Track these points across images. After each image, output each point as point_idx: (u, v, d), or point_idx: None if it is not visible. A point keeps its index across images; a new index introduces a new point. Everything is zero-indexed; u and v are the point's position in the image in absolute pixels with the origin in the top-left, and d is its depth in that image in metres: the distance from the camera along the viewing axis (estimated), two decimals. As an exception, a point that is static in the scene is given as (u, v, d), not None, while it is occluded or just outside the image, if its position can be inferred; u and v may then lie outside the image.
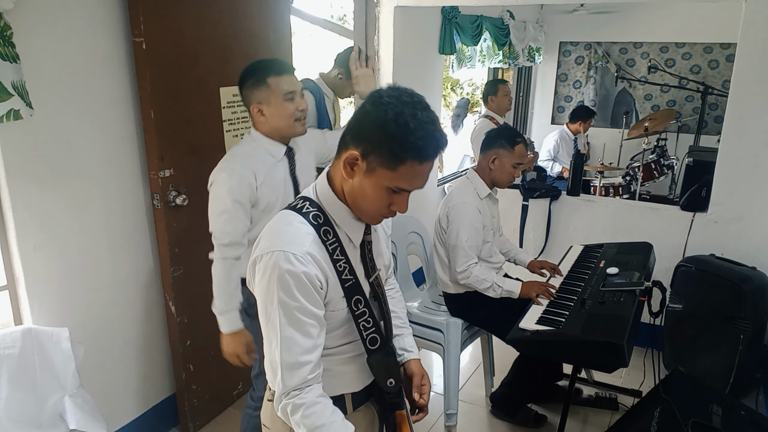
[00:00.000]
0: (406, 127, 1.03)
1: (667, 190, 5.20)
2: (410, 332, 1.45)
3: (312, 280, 1.09)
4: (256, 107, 1.85)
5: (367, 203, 1.13)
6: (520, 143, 2.47)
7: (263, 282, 1.10)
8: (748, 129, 2.84)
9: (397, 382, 1.24)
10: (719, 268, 2.72)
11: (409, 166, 1.05)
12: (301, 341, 1.10)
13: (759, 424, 2.02)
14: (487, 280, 2.42)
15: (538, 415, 2.64)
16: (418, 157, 1.05)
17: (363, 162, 1.08)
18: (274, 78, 1.82)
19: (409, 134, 1.03)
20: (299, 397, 1.11)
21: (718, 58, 5.59)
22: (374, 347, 1.21)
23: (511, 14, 4.98)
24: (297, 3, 2.99)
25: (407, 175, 1.07)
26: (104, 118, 2.08)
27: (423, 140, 1.04)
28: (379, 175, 1.07)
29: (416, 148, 1.04)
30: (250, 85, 1.85)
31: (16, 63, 1.61)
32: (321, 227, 1.14)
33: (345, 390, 1.26)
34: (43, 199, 1.92)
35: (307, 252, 1.09)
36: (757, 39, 2.74)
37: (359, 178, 1.10)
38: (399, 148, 1.04)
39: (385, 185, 1.08)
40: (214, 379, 2.58)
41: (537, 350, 2.14)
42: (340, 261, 1.15)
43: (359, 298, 1.18)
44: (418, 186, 1.10)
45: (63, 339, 1.87)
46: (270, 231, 1.15)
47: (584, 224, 3.47)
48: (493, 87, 4.16)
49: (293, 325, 1.09)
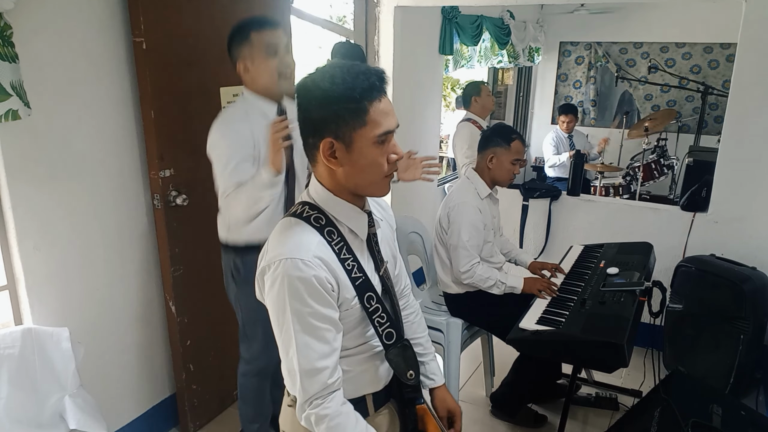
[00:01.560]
0: (343, 82, 1.05)
1: (667, 190, 5.20)
2: (433, 357, 1.45)
3: (323, 283, 1.08)
4: (241, 64, 1.85)
5: (367, 174, 1.12)
6: (516, 139, 2.47)
7: (273, 291, 1.09)
8: (748, 129, 2.84)
9: (417, 375, 1.24)
10: (719, 268, 2.72)
11: (372, 110, 1.07)
12: (317, 347, 1.10)
13: (759, 424, 2.02)
14: (491, 278, 2.43)
15: (538, 415, 2.64)
16: (371, 95, 1.06)
17: (338, 142, 1.08)
18: (256, 33, 1.81)
19: (350, 84, 1.05)
20: (322, 407, 1.11)
21: (718, 58, 5.59)
22: (391, 342, 1.21)
23: (512, 14, 4.98)
24: (297, 3, 3.00)
25: (377, 119, 1.07)
26: (104, 118, 2.08)
27: (366, 80, 1.06)
28: (358, 138, 1.08)
29: (366, 89, 1.05)
30: (236, 42, 1.84)
31: (14, 63, 1.61)
32: (324, 228, 1.14)
33: (366, 390, 1.26)
34: (43, 199, 1.92)
35: (314, 255, 1.09)
36: (757, 39, 2.74)
37: (346, 158, 1.10)
38: (355, 102, 1.05)
39: (369, 143, 1.08)
40: (214, 379, 2.58)
41: (537, 350, 2.14)
42: (348, 260, 1.15)
43: (371, 295, 1.17)
44: (393, 123, 1.11)
45: (63, 339, 1.86)
46: (275, 240, 1.14)
47: (584, 224, 3.47)
48: (476, 88, 3.93)
49: (308, 331, 1.09)
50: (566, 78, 6.37)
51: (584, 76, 6.25)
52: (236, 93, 2.46)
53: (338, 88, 1.05)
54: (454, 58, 4.29)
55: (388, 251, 1.31)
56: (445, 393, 1.38)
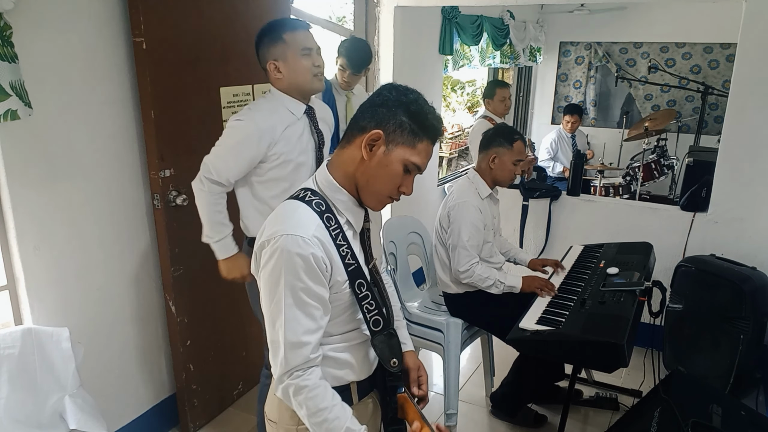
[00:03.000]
0: (426, 109, 1.20)
1: (667, 190, 5.20)
2: (404, 324, 1.50)
3: (318, 262, 1.14)
4: (272, 64, 1.88)
5: (380, 183, 1.21)
6: (518, 140, 2.48)
7: (269, 264, 1.14)
8: (748, 129, 2.84)
9: (400, 363, 1.29)
10: (719, 268, 2.72)
11: (425, 144, 1.20)
12: (305, 322, 1.15)
13: (759, 424, 2.02)
14: (490, 278, 2.43)
15: (538, 415, 2.64)
16: (431, 135, 1.21)
17: (384, 141, 1.18)
18: (290, 33, 1.85)
19: (426, 115, 1.19)
20: (302, 378, 1.15)
21: (718, 58, 5.59)
22: (377, 329, 1.26)
23: (511, 14, 4.98)
24: (297, 3, 3.00)
25: (422, 152, 1.20)
26: (104, 118, 2.08)
27: (436, 122, 1.21)
28: (399, 152, 1.19)
29: (431, 127, 1.20)
30: (266, 42, 1.87)
31: (14, 63, 1.61)
32: (324, 214, 1.20)
33: (351, 378, 1.30)
34: (43, 200, 1.92)
35: (313, 234, 1.14)
36: (757, 39, 2.74)
37: (377, 158, 1.19)
38: (418, 127, 1.18)
39: (403, 161, 1.19)
40: (214, 379, 2.58)
41: (537, 350, 2.13)
42: (343, 246, 1.20)
43: (362, 282, 1.23)
44: (424, 164, 1.23)
45: (63, 339, 1.86)
46: (275, 218, 1.20)
47: (584, 224, 3.47)
48: (491, 90, 4.01)
49: (298, 305, 1.14)
50: (566, 78, 6.37)
51: (584, 76, 6.24)
52: (236, 93, 2.46)
53: (420, 108, 1.19)
54: (454, 58, 4.29)
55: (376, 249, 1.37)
56: (414, 355, 1.44)
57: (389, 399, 1.32)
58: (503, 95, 3.98)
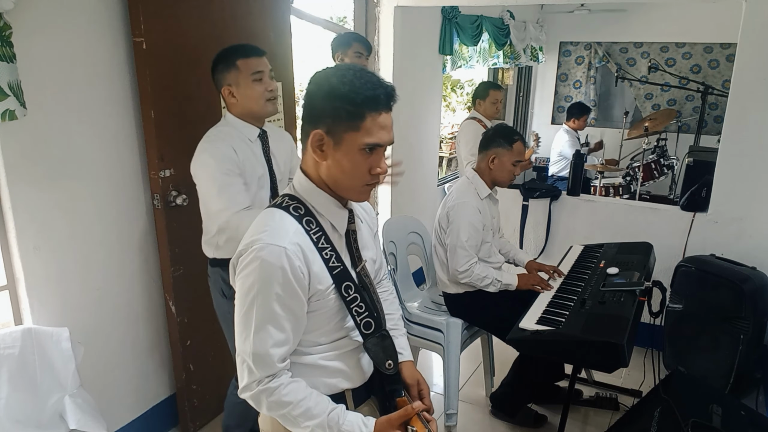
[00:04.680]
0: (352, 85, 1.09)
1: (667, 190, 5.19)
2: (404, 333, 1.46)
3: (295, 272, 1.10)
4: (226, 89, 1.92)
5: (348, 177, 1.15)
6: (518, 140, 2.48)
7: (244, 273, 1.12)
8: (748, 129, 2.84)
9: (396, 364, 1.26)
10: (719, 268, 2.72)
11: (370, 119, 1.10)
12: (275, 334, 1.12)
13: (759, 424, 2.02)
14: (488, 277, 2.45)
15: (538, 415, 2.64)
16: (373, 107, 1.10)
17: (328, 137, 1.12)
18: (242, 60, 1.88)
19: (358, 89, 1.09)
20: (273, 381, 1.14)
21: (718, 58, 5.60)
22: (369, 331, 1.22)
23: (511, 14, 4.98)
24: (297, 3, 2.99)
25: (372, 129, 1.10)
26: (104, 118, 2.08)
27: (372, 90, 1.09)
28: (348, 140, 1.11)
29: (369, 99, 1.09)
30: (220, 69, 1.92)
31: (12, 63, 1.61)
32: (303, 217, 1.17)
33: (345, 386, 1.27)
34: (43, 199, 1.92)
35: (291, 242, 1.11)
36: (757, 39, 2.74)
37: (331, 155, 1.13)
38: (354, 106, 1.09)
39: (356, 148, 1.11)
40: (214, 379, 2.58)
41: (537, 350, 2.14)
42: (326, 249, 1.17)
43: (349, 284, 1.20)
44: (385, 138, 1.13)
45: (63, 339, 1.87)
46: (253, 227, 1.17)
47: (584, 224, 3.47)
48: (484, 91, 3.86)
49: (269, 316, 1.11)
50: (566, 78, 6.37)
51: (584, 76, 6.25)
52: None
53: (344, 87, 1.09)
54: (452, 58, 4.28)
55: (366, 254, 1.32)
56: (413, 367, 1.40)
57: (388, 404, 1.29)
58: (496, 97, 3.85)
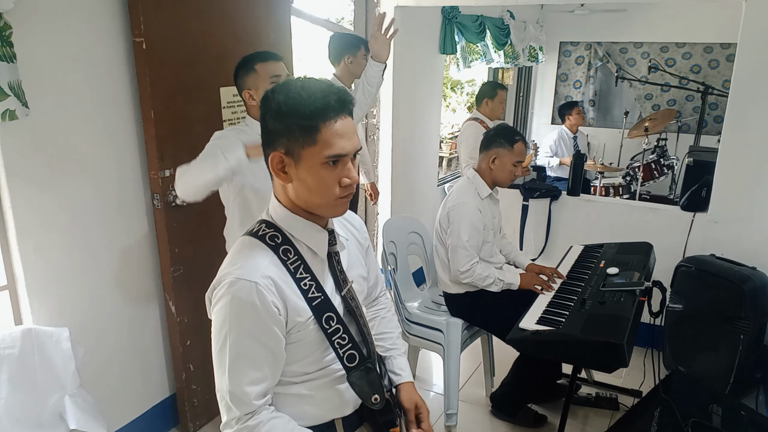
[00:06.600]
0: (298, 98, 1.04)
1: (667, 190, 5.19)
2: (402, 353, 1.42)
3: (268, 307, 1.06)
4: (246, 93, 2.01)
5: (317, 194, 1.09)
6: (519, 141, 2.48)
7: (217, 308, 1.10)
8: (748, 129, 2.84)
9: (382, 398, 1.20)
10: (719, 268, 2.72)
11: (325, 130, 1.04)
12: (249, 372, 1.08)
13: (759, 424, 2.02)
14: (490, 276, 2.45)
15: (538, 415, 2.64)
16: (325, 116, 1.04)
17: (288, 157, 1.07)
18: (260, 64, 1.98)
19: (306, 101, 1.03)
20: (252, 419, 1.09)
21: (718, 58, 5.59)
22: (353, 364, 1.17)
23: (511, 14, 4.98)
24: (297, 3, 2.99)
25: (330, 140, 1.05)
26: (104, 118, 2.08)
27: (321, 99, 1.04)
28: (307, 156, 1.06)
29: (319, 109, 1.04)
30: (241, 74, 2.01)
31: (12, 63, 1.61)
32: (279, 247, 1.12)
33: (334, 415, 1.23)
34: (43, 199, 1.92)
35: (263, 275, 1.07)
36: (757, 39, 2.73)
37: (295, 175, 1.09)
38: (305, 119, 1.04)
39: (318, 163, 1.06)
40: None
41: (537, 350, 2.13)
42: (305, 279, 1.12)
43: (331, 315, 1.14)
44: (347, 147, 1.07)
45: (63, 339, 1.86)
46: (229, 257, 1.14)
47: (584, 224, 3.47)
48: (492, 90, 3.88)
49: (243, 353, 1.08)
50: (566, 78, 6.37)
51: (584, 76, 6.24)
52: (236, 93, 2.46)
53: (291, 102, 1.04)
54: (463, 55, 4.26)
55: (355, 272, 1.28)
56: (411, 389, 1.34)
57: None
58: (503, 97, 3.90)
